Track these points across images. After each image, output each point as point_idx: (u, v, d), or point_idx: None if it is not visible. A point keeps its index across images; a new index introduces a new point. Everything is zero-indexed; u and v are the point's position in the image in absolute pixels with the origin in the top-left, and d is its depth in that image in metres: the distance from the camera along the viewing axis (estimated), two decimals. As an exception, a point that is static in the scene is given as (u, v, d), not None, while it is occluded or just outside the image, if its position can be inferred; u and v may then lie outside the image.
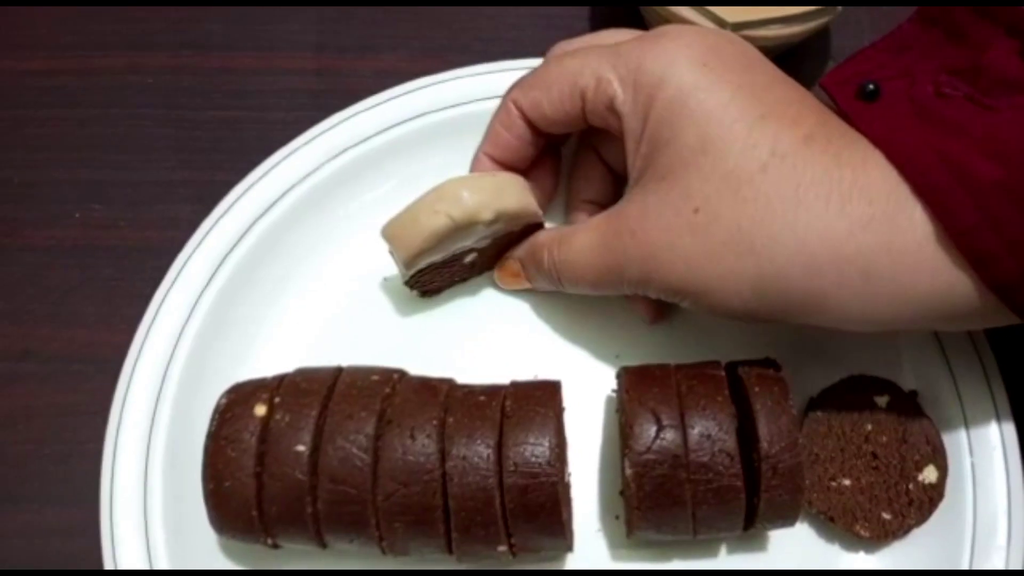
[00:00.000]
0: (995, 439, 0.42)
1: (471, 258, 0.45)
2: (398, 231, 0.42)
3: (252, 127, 0.53)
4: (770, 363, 0.41)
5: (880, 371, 0.45)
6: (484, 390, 0.41)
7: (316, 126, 0.48)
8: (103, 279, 0.50)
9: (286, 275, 0.48)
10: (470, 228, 0.42)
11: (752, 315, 0.38)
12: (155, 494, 0.42)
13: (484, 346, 0.47)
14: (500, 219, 0.42)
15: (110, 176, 0.52)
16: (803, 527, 0.43)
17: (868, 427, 0.43)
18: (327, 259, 0.49)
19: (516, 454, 0.38)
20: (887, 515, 0.42)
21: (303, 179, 0.48)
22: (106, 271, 0.50)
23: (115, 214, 0.51)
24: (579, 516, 0.44)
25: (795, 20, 0.48)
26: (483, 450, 0.38)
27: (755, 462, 0.38)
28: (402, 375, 0.42)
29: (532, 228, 0.46)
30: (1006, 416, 0.43)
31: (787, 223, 0.35)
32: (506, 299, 0.49)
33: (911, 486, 0.42)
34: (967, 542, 0.41)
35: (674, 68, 0.37)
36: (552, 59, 0.43)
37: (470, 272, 0.48)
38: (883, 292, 0.34)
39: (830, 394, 0.44)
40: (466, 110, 0.49)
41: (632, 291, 0.41)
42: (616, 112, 0.39)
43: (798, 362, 0.44)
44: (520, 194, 0.44)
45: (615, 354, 0.47)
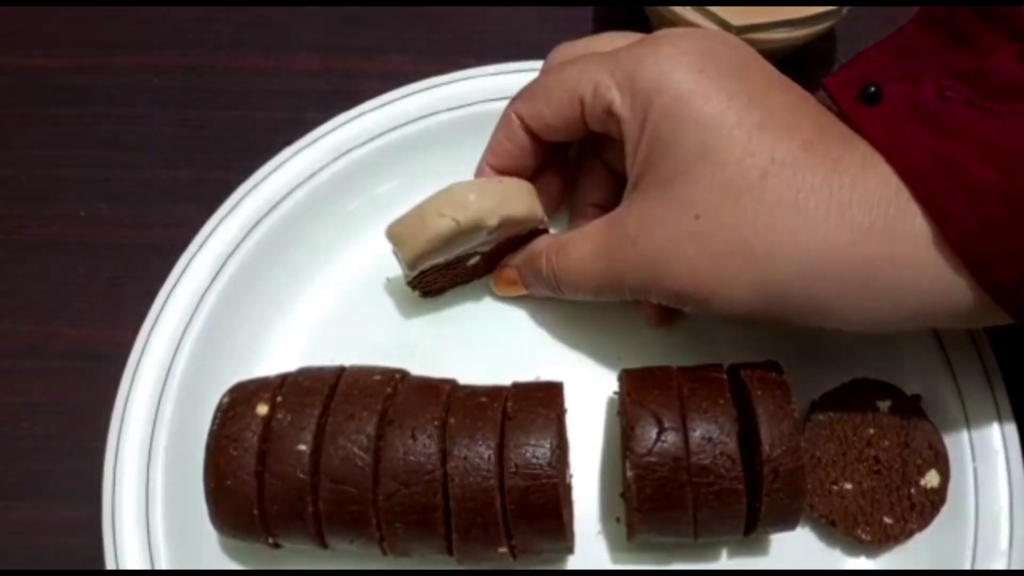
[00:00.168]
0: (997, 444, 0.42)
1: (474, 261, 0.46)
2: (403, 232, 0.43)
3: (260, 127, 0.53)
4: (772, 366, 0.41)
5: (883, 375, 0.45)
6: (486, 391, 0.41)
7: (321, 126, 0.49)
8: (108, 277, 0.50)
9: (289, 274, 0.48)
10: (475, 233, 0.42)
11: (755, 319, 0.38)
12: (157, 492, 0.42)
13: (486, 347, 0.47)
14: (505, 225, 0.42)
15: (117, 175, 0.53)
16: (804, 531, 0.43)
17: (870, 431, 0.43)
18: (331, 259, 0.49)
19: (517, 455, 0.38)
20: (889, 519, 0.41)
21: (308, 178, 0.48)
22: (111, 269, 0.50)
23: (121, 212, 0.52)
24: (580, 518, 0.44)
25: (800, 23, 0.48)
26: (484, 451, 0.38)
27: (757, 465, 0.38)
28: (404, 375, 0.42)
29: (537, 234, 0.46)
30: (1008, 421, 0.43)
31: (788, 231, 0.35)
32: (509, 301, 0.49)
33: (913, 490, 0.42)
34: (969, 547, 0.41)
35: (671, 75, 0.37)
36: (551, 68, 0.43)
37: (472, 274, 0.48)
38: (885, 296, 0.35)
39: (832, 398, 0.44)
40: (471, 111, 0.49)
41: (634, 297, 0.41)
42: (615, 117, 0.39)
43: (800, 365, 0.43)
44: (526, 201, 0.44)
45: (617, 356, 0.47)
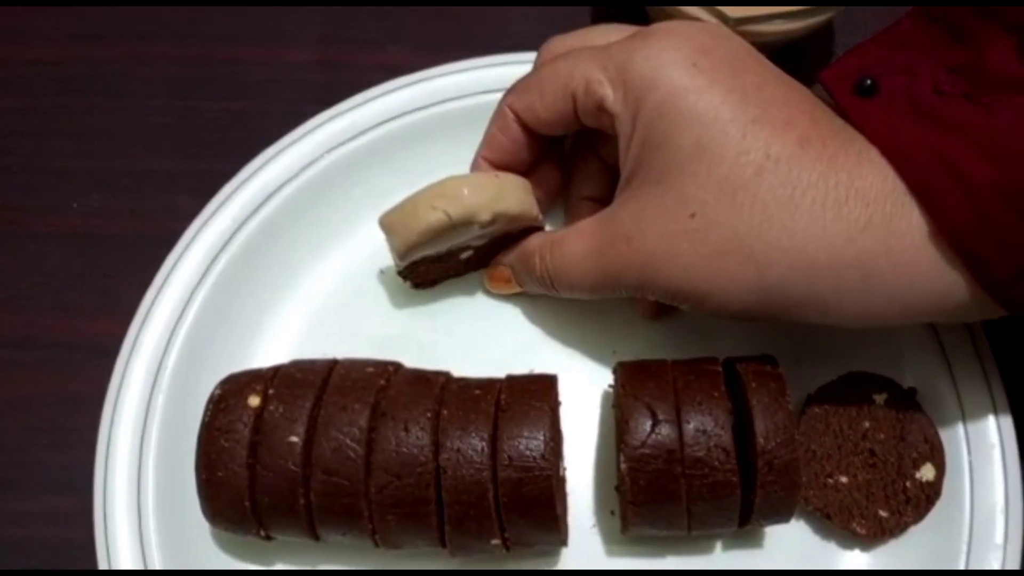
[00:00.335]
0: (993, 437, 0.42)
1: (467, 255, 0.45)
2: (395, 223, 0.42)
3: (255, 119, 0.53)
4: (767, 359, 0.40)
5: (879, 368, 0.44)
6: (479, 383, 0.41)
7: (315, 117, 0.48)
8: (103, 268, 0.50)
9: (283, 267, 0.48)
10: (467, 227, 0.42)
11: (752, 316, 0.38)
12: (148, 484, 0.42)
13: (480, 340, 0.47)
14: (499, 220, 0.42)
15: (112, 166, 0.52)
16: (799, 524, 0.43)
17: (866, 424, 0.43)
18: (324, 251, 0.48)
19: (510, 447, 0.38)
20: (884, 513, 0.41)
21: (302, 170, 0.47)
22: (106, 260, 0.50)
23: (116, 204, 0.52)
24: (574, 511, 0.43)
25: (797, 16, 0.47)
26: (477, 443, 0.38)
27: (751, 458, 0.38)
28: (397, 367, 0.42)
29: (531, 230, 0.46)
30: (1004, 415, 0.43)
31: (785, 228, 0.34)
32: (502, 295, 0.48)
33: (908, 484, 0.42)
34: (964, 540, 0.41)
35: (664, 70, 0.37)
36: (544, 62, 0.43)
37: (466, 268, 0.47)
38: (882, 292, 0.34)
39: (828, 391, 0.44)
40: (466, 103, 0.49)
41: (629, 295, 0.41)
42: (608, 113, 0.39)
43: (796, 359, 0.44)
44: (521, 197, 0.43)
45: (612, 349, 0.46)
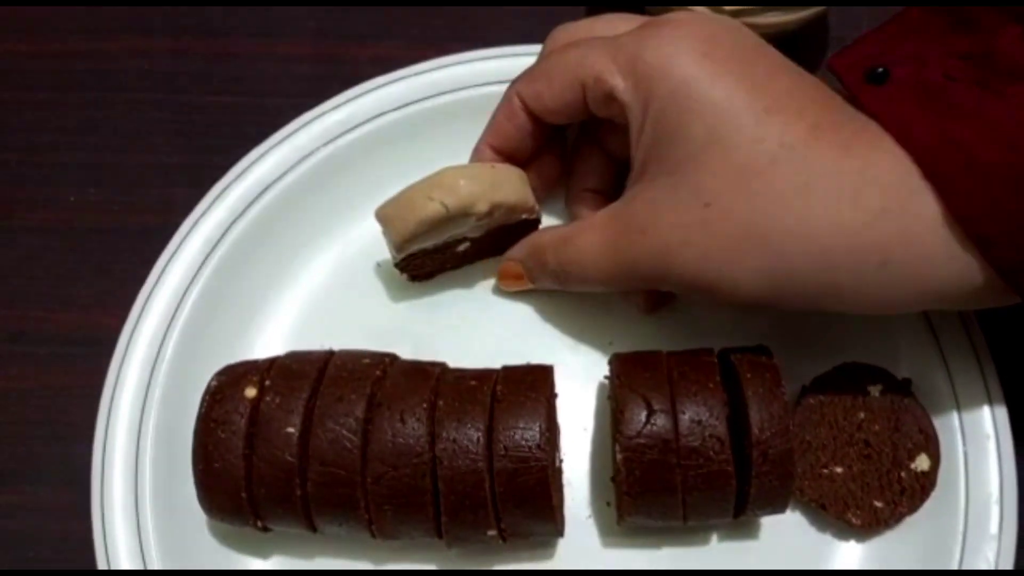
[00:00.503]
0: (988, 428, 0.42)
1: (464, 247, 0.45)
2: (391, 214, 0.42)
3: (250, 112, 0.53)
4: (762, 350, 0.40)
5: (873, 359, 0.44)
6: (475, 374, 0.41)
7: (310, 111, 0.48)
8: (98, 261, 0.50)
9: (279, 259, 0.48)
10: (464, 218, 0.42)
11: (766, 304, 0.37)
12: (146, 475, 0.42)
13: (476, 333, 0.47)
14: (495, 212, 0.42)
15: (107, 159, 0.52)
16: (794, 515, 0.43)
17: (861, 415, 0.43)
18: (320, 244, 0.48)
19: (506, 438, 0.38)
20: (879, 503, 0.41)
21: (298, 163, 0.48)
22: (101, 254, 0.50)
23: (111, 197, 0.52)
24: (570, 502, 0.44)
25: (791, 9, 0.47)
26: (473, 434, 0.38)
27: (746, 448, 0.38)
28: (393, 359, 0.42)
29: (528, 222, 0.46)
30: (999, 405, 0.43)
31: (800, 217, 0.34)
32: (498, 287, 0.48)
33: (903, 474, 0.42)
34: (959, 531, 0.41)
35: (675, 59, 0.37)
36: (554, 51, 0.43)
37: (462, 260, 0.47)
38: (898, 280, 0.34)
39: (823, 382, 0.44)
40: (463, 96, 0.49)
41: (643, 287, 0.40)
42: (618, 102, 0.39)
43: (791, 350, 0.43)
44: (517, 188, 0.43)
45: (608, 341, 0.46)
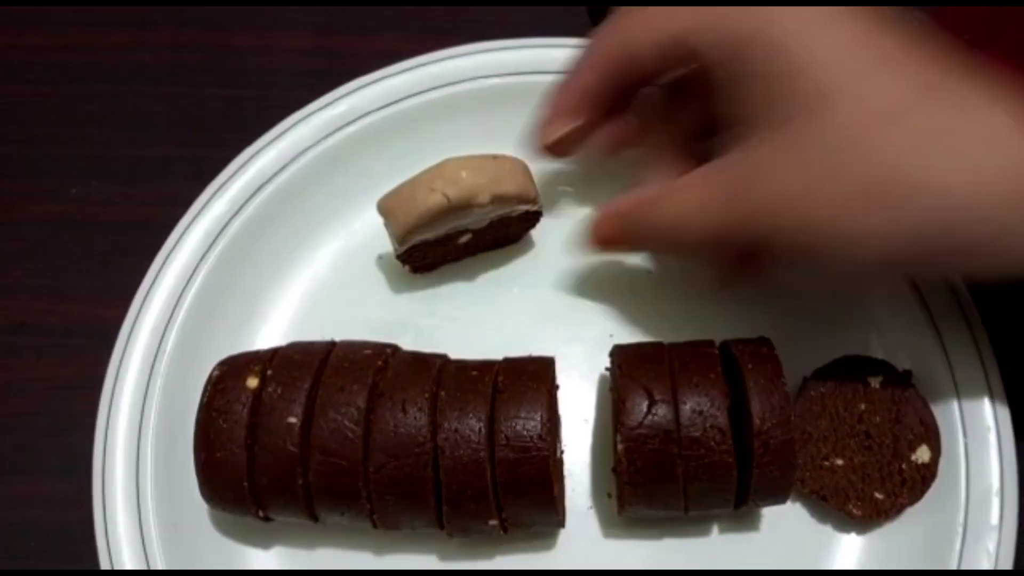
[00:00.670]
0: (989, 419, 0.42)
1: (466, 238, 0.45)
2: (393, 206, 0.42)
3: (251, 105, 0.53)
4: (764, 342, 0.40)
5: (874, 351, 0.45)
6: (477, 365, 0.41)
7: (312, 103, 0.48)
8: (99, 254, 0.50)
9: (280, 252, 0.48)
10: (466, 209, 0.42)
11: (889, 265, 0.35)
12: (147, 466, 0.42)
13: (478, 325, 0.47)
14: (497, 203, 0.42)
15: (109, 152, 0.52)
16: (795, 506, 0.43)
17: (862, 407, 0.43)
18: (322, 236, 0.49)
19: (508, 428, 0.38)
20: (880, 495, 0.41)
21: (299, 155, 0.48)
22: (103, 246, 0.50)
23: (113, 190, 0.52)
24: (571, 494, 0.44)
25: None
26: (475, 424, 0.38)
27: (748, 439, 0.38)
28: (395, 350, 0.42)
29: (530, 214, 0.46)
30: (1000, 397, 0.43)
31: (926, 170, 0.32)
32: (500, 279, 0.49)
33: (904, 466, 0.42)
34: (960, 522, 0.41)
35: (773, 15, 0.34)
36: (632, 10, 0.40)
37: (464, 252, 0.48)
38: None
39: (824, 374, 0.44)
40: (465, 88, 0.49)
41: (745, 248, 0.37)
42: (713, 56, 0.36)
43: (792, 342, 0.43)
44: (519, 179, 0.43)
45: (609, 333, 0.46)
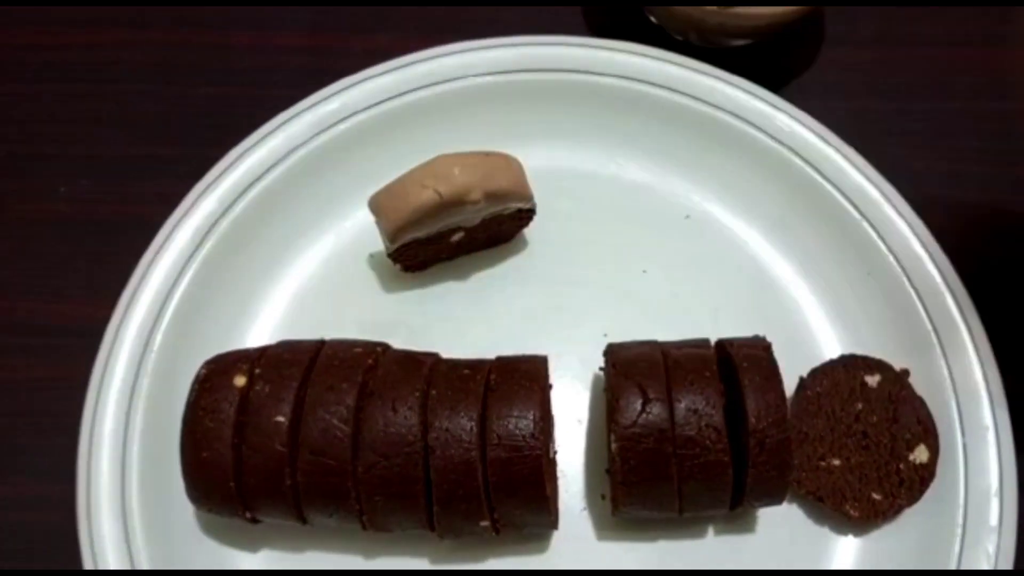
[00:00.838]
0: (987, 419, 0.42)
1: (458, 237, 0.45)
2: (385, 202, 0.42)
3: (245, 104, 0.53)
4: (759, 341, 0.40)
5: (871, 350, 0.44)
6: (469, 364, 0.40)
7: (303, 100, 0.48)
8: (90, 253, 0.50)
9: (271, 250, 0.47)
10: (458, 206, 0.41)
11: None
12: (133, 467, 0.42)
13: (470, 324, 0.47)
14: (489, 200, 0.42)
15: (101, 151, 0.52)
16: (792, 508, 0.43)
17: (858, 406, 0.42)
18: (313, 235, 0.48)
19: (500, 427, 0.37)
20: (877, 495, 0.41)
21: (290, 152, 0.47)
22: (94, 245, 0.50)
23: (104, 189, 0.51)
24: (565, 495, 0.43)
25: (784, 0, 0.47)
26: (466, 423, 0.37)
27: (743, 439, 0.37)
28: (386, 348, 0.41)
29: (524, 212, 0.45)
30: (998, 396, 0.42)
31: None
32: (493, 278, 0.48)
33: (902, 466, 0.41)
34: (958, 523, 0.40)
35: None
36: None
37: (456, 250, 0.47)
38: None
39: (820, 373, 0.43)
40: (458, 86, 0.49)
41: None
42: None
43: (788, 342, 0.43)
44: (512, 176, 0.43)
45: (603, 333, 0.46)
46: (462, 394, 0.38)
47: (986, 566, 0.39)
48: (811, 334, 0.45)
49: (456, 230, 0.44)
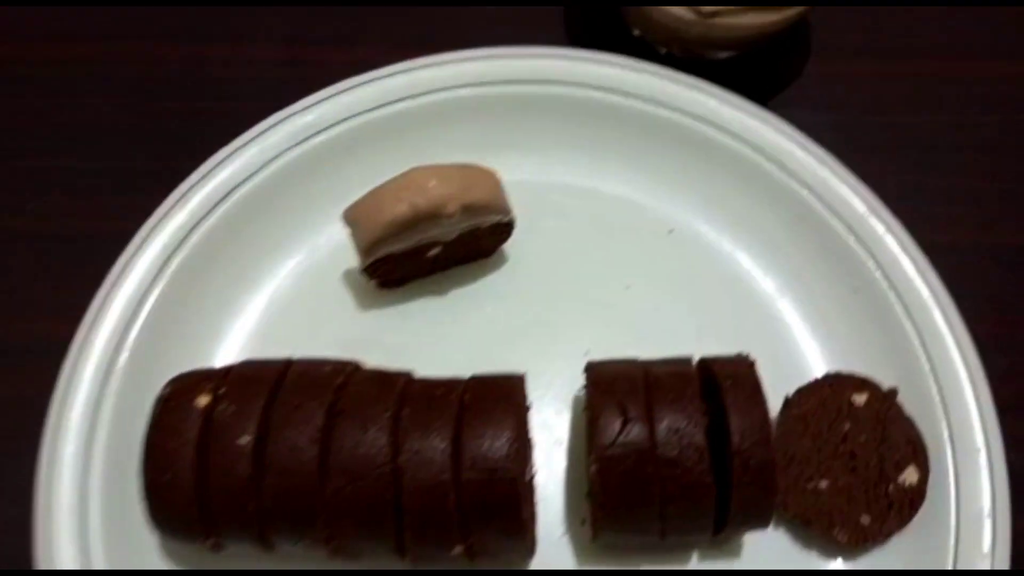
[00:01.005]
0: (979, 440, 0.41)
1: (435, 252, 0.44)
2: (360, 215, 0.41)
3: (221, 117, 0.51)
4: (743, 359, 0.39)
5: (858, 368, 0.43)
6: (443, 383, 0.39)
7: (277, 113, 0.47)
8: (60, 269, 0.48)
9: (242, 265, 0.46)
10: (434, 219, 0.40)
11: None
12: (94, 490, 0.40)
13: (448, 342, 0.45)
14: (467, 213, 0.41)
15: (72, 165, 0.51)
16: (778, 532, 0.41)
17: (846, 426, 0.41)
18: (286, 249, 0.47)
19: (474, 448, 0.36)
20: (866, 519, 0.39)
21: (263, 166, 0.46)
22: (64, 261, 0.49)
23: (75, 203, 0.50)
24: (543, 521, 0.42)
25: (772, 7, 0.46)
26: (439, 444, 0.36)
27: (727, 460, 0.36)
28: (356, 367, 0.40)
29: (502, 225, 0.44)
30: (990, 415, 0.41)
31: None
32: (471, 294, 0.47)
33: (891, 488, 0.40)
34: (950, 547, 0.39)
35: None
36: None
37: (433, 266, 0.46)
38: None
39: (806, 392, 0.42)
40: (434, 99, 0.48)
41: None
42: None
43: (773, 360, 0.42)
44: (490, 189, 0.42)
45: (584, 351, 0.45)
46: (435, 414, 0.37)
47: (979, 592, 0.38)
48: (797, 351, 0.44)
49: (433, 244, 0.43)
